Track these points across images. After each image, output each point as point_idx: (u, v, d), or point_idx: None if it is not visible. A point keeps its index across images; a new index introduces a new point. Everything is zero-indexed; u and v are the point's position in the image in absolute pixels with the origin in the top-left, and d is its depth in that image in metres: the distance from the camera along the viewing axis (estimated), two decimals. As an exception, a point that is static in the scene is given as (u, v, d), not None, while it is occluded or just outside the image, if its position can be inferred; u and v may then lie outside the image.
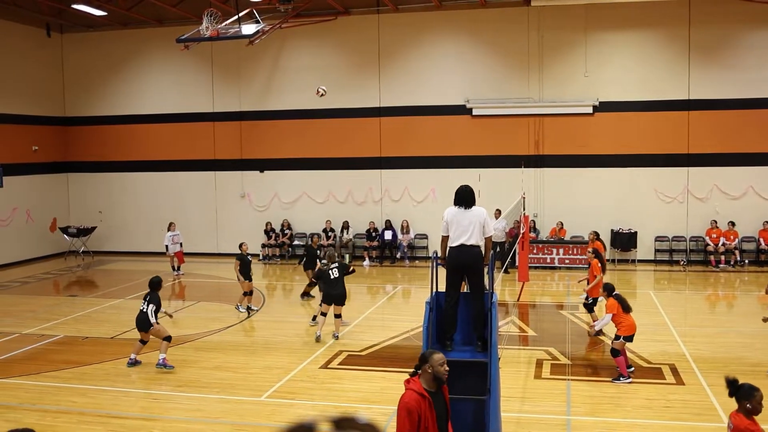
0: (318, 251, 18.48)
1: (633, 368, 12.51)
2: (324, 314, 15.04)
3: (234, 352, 14.36)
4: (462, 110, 25.05)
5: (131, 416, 10.77)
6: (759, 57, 23.39)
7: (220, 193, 27.37)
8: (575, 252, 23.25)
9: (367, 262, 24.97)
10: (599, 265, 15.11)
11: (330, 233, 25.83)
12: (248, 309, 17.71)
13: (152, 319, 13.00)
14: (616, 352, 12.17)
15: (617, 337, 12.21)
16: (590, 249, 15.75)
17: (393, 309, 17.93)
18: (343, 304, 15.19)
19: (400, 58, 25.54)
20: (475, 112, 25.01)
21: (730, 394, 6.68)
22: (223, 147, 27.11)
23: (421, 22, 25.25)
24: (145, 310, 13.07)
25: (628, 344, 12.35)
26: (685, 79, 23.81)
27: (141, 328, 13.18)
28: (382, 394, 11.60)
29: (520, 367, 13.06)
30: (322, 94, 20.41)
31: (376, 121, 25.74)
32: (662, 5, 23.15)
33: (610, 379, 12.15)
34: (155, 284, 13.36)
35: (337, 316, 15.06)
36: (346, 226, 25.79)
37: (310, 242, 19.24)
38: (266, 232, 26.39)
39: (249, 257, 17.91)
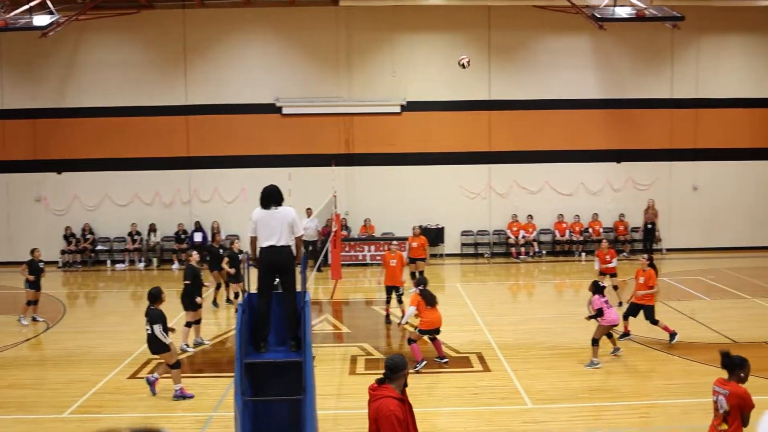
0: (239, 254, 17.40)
1: (447, 360, 12.90)
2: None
3: (31, 368, 13.39)
4: (272, 109, 24.83)
5: None
6: (552, 60, 24.99)
7: (12, 196, 25.37)
8: (386, 249, 23.65)
9: (176, 266, 24.11)
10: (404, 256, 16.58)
11: (136, 237, 24.75)
12: (33, 319, 16.65)
13: (165, 340, 11.11)
14: (411, 341, 12.62)
15: (415, 328, 12.65)
16: (394, 243, 16.66)
17: (205, 313, 17.41)
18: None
19: (208, 54, 24.90)
20: (285, 110, 24.89)
21: (724, 365, 7.18)
22: (14, 147, 25.12)
23: (228, 18, 24.73)
24: (149, 330, 11.17)
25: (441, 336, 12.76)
26: (486, 80, 24.97)
27: (154, 351, 11.35)
28: (195, 402, 11.22)
29: (335, 364, 13.12)
30: (465, 64, 18.80)
31: (183, 119, 24.93)
32: (464, 9, 24.15)
33: (423, 370, 12.47)
34: (153, 296, 11.32)
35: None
36: (153, 229, 24.81)
37: (230, 245, 18.01)
38: (66, 237, 24.81)
39: (41, 264, 16.75)
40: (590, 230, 25.09)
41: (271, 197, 8.46)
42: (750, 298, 18.01)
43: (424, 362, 12.55)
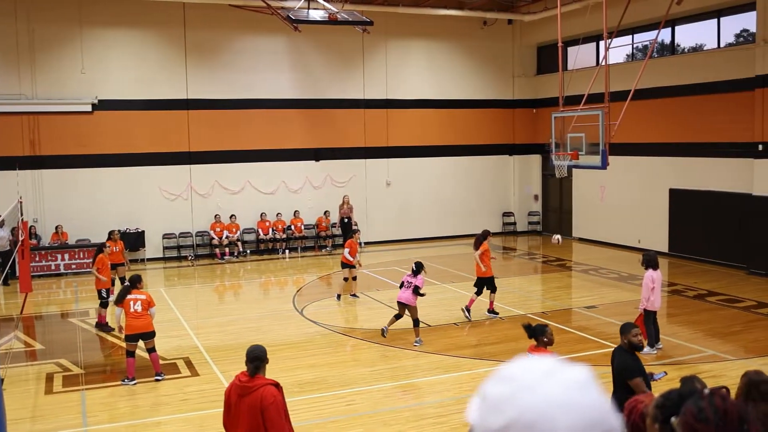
0: None
1: (162, 376, 12.25)
2: None
3: None
4: (-59, 107, 22.21)
5: None
6: (251, 60, 25.12)
7: None
8: (82, 256, 22.29)
9: None
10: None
11: None
12: None
13: None
14: (129, 353, 12.01)
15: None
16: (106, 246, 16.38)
17: None
18: None
19: None
20: (-43, 109, 22.38)
21: (529, 336, 8.17)
22: None
23: None
24: None
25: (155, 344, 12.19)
26: (183, 78, 24.44)
27: None
28: None
29: (29, 384, 12.12)
30: (558, 241, 21.15)
31: None
32: (157, 5, 23.37)
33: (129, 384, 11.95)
34: None
35: None
36: None
37: None
38: None
39: None
40: (292, 227, 25.67)
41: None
42: (440, 284, 19.53)
43: (135, 381, 11.94)
